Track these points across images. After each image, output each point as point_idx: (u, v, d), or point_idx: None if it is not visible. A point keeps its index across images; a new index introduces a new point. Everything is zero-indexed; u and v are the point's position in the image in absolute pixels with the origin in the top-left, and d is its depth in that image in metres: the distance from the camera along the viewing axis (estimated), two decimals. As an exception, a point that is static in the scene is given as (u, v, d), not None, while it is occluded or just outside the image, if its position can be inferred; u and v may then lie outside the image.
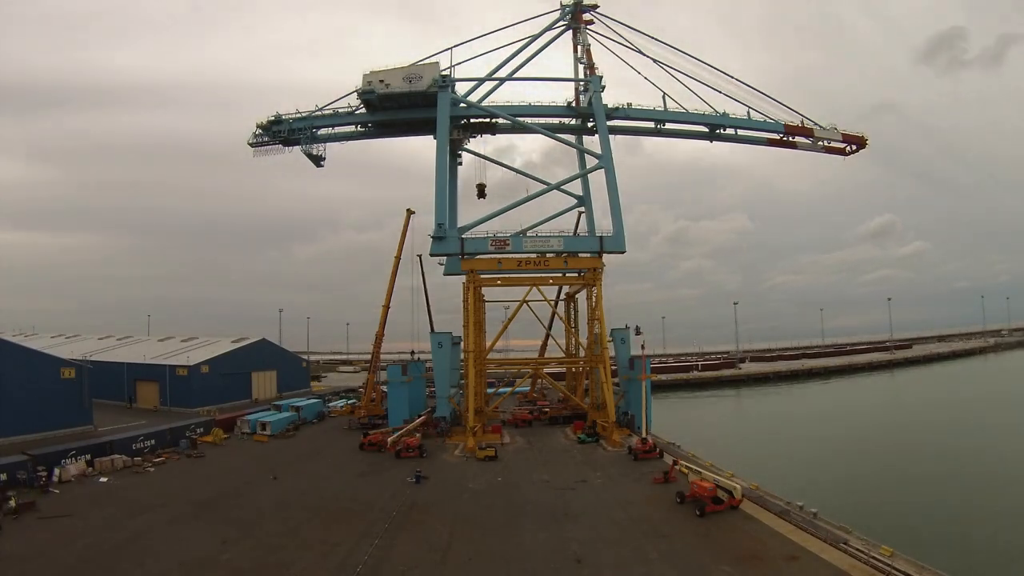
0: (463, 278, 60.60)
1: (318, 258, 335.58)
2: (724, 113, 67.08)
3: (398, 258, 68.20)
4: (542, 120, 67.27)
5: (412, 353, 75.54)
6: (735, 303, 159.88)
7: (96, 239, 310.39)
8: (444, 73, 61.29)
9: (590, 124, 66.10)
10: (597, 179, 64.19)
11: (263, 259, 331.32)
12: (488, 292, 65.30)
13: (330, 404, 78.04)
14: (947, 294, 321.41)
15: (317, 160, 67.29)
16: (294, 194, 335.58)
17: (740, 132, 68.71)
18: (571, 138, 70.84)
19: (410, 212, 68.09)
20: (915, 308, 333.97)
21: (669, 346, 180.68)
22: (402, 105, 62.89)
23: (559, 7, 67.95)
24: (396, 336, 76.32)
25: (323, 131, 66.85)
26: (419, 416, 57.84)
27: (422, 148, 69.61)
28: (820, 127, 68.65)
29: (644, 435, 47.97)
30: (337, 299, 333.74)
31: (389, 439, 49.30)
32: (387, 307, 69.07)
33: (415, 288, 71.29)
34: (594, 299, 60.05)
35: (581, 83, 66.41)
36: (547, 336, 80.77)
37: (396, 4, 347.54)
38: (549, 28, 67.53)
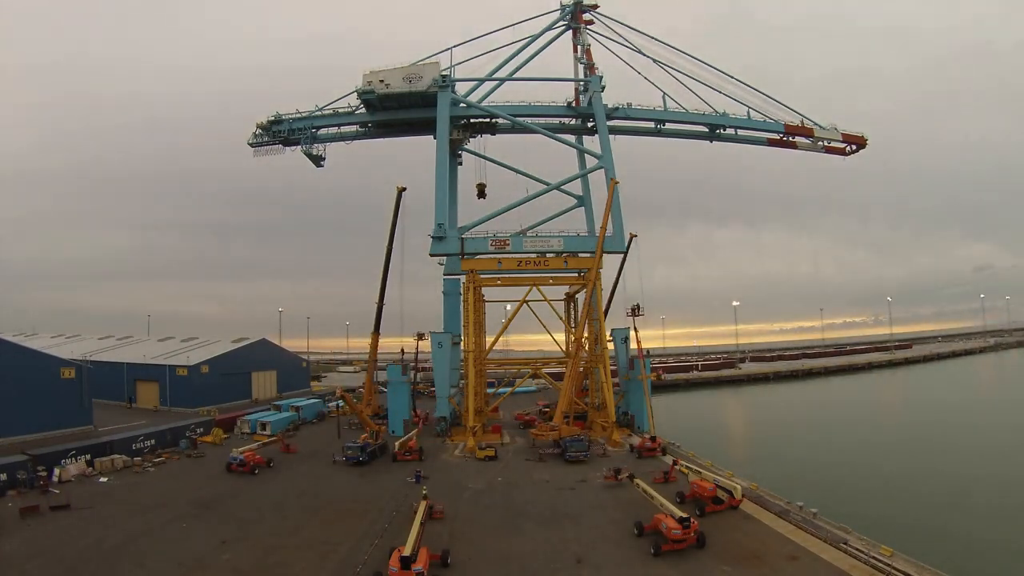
0: (463, 277, 60.55)
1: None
2: (724, 113, 67.36)
3: (390, 245, 60.14)
4: (542, 120, 67.43)
5: (403, 352, 68.29)
6: (735, 303, 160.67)
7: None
8: (444, 73, 61.41)
9: (590, 124, 66.24)
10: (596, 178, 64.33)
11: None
12: (488, 292, 65.35)
13: (330, 404, 77.97)
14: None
15: (317, 160, 67.36)
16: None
17: (740, 132, 69.07)
18: (571, 138, 70.87)
19: (401, 190, 59.41)
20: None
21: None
22: (402, 105, 63.00)
23: (559, 7, 68.04)
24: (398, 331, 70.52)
25: (323, 131, 66.95)
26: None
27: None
28: (820, 127, 68.74)
29: (652, 432, 48.09)
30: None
31: (396, 443, 48.90)
32: (381, 303, 62.29)
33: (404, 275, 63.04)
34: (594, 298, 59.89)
35: (581, 83, 66.43)
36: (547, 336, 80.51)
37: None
38: (549, 28, 67.72)
